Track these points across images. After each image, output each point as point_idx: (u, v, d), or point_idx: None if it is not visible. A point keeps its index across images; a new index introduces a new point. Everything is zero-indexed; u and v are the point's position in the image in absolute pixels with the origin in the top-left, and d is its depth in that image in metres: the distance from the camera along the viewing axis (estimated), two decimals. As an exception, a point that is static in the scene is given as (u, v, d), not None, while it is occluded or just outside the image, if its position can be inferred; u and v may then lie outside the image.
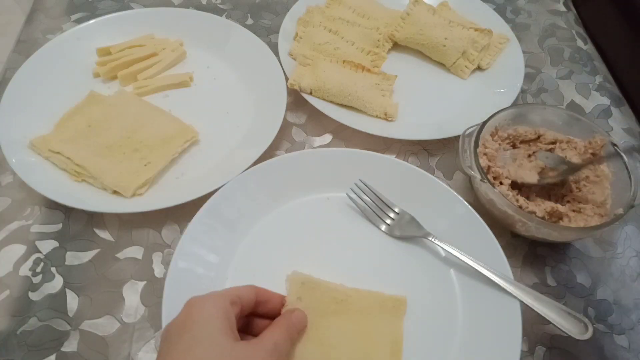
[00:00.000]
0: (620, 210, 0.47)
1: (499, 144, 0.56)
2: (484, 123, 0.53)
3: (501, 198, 0.48)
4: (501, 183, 0.52)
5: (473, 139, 0.52)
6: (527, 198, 0.52)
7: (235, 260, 0.49)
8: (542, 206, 0.51)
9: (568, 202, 0.53)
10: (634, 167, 0.50)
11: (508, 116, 0.56)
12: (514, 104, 0.55)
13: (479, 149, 0.52)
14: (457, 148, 0.53)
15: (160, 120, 0.58)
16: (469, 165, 0.51)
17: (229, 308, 0.36)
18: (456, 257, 0.48)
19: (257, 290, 0.40)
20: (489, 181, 0.49)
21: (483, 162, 0.52)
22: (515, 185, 0.53)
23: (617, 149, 0.52)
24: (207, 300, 0.36)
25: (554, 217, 0.51)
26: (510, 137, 0.57)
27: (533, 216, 0.48)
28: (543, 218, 0.50)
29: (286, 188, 0.53)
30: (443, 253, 0.50)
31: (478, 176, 0.50)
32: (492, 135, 0.56)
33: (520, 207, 0.49)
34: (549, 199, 0.54)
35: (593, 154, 0.54)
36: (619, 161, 0.52)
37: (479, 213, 0.50)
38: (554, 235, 0.49)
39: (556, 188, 0.55)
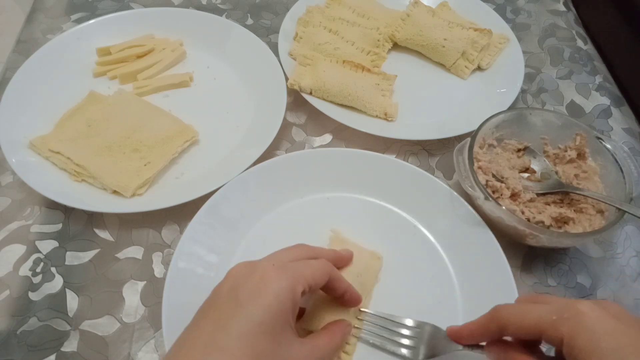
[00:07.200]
0: (625, 205, 0.47)
1: (487, 148, 0.55)
2: (474, 137, 0.52)
3: (509, 215, 0.46)
4: (501, 195, 0.51)
5: (466, 155, 0.50)
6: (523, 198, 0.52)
7: (235, 261, 0.47)
8: (546, 212, 0.50)
9: (568, 203, 0.53)
10: (623, 157, 0.50)
11: (492, 125, 0.54)
12: (500, 112, 0.54)
13: (475, 166, 0.50)
14: (455, 158, 0.52)
15: (160, 120, 0.58)
16: (470, 185, 0.49)
17: (298, 297, 0.33)
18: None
19: (331, 276, 0.37)
20: (495, 200, 0.47)
21: (482, 178, 0.51)
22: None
23: (602, 142, 0.52)
24: (283, 280, 0.33)
25: (560, 222, 0.51)
26: (497, 140, 0.56)
27: (545, 229, 0.47)
28: (550, 225, 0.49)
29: (286, 188, 0.53)
30: (444, 253, 0.50)
31: (481, 195, 0.48)
32: (481, 146, 0.54)
33: (528, 219, 0.49)
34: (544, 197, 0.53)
35: (579, 154, 0.54)
36: (606, 153, 0.52)
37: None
38: (565, 242, 0.49)
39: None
